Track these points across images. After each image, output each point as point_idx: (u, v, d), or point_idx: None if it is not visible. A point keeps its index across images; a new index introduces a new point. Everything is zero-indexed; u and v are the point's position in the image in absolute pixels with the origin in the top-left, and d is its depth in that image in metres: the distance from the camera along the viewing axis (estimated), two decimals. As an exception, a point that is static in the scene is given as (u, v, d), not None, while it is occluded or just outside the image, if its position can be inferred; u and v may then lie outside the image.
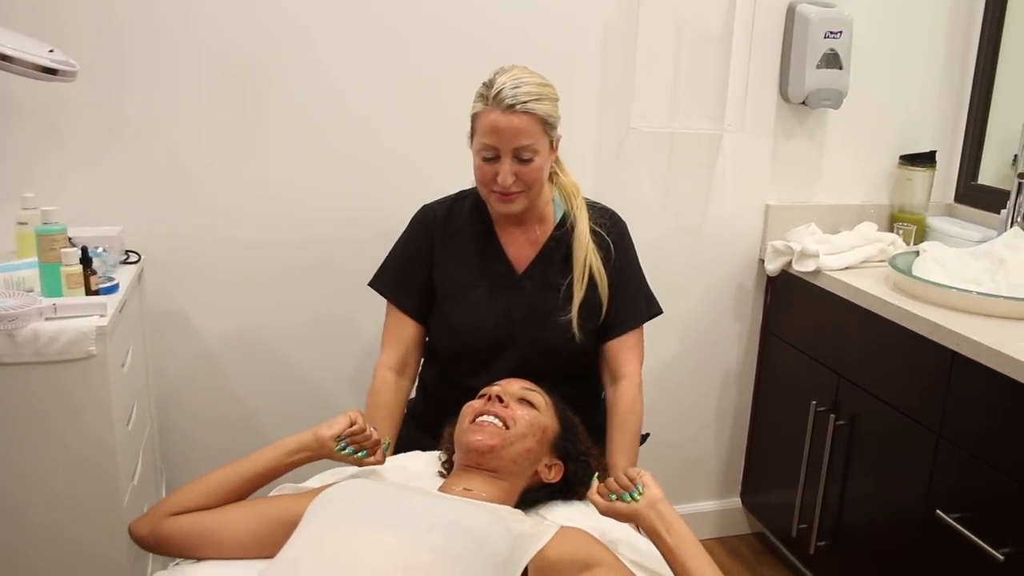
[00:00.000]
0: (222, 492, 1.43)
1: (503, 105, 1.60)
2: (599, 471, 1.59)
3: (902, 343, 2.00)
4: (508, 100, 1.59)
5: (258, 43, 2.05)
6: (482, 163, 1.66)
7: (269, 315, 2.23)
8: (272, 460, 1.47)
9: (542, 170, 1.68)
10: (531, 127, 1.62)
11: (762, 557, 2.71)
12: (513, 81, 1.61)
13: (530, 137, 1.62)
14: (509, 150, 1.63)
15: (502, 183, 1.64)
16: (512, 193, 1.67)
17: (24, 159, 1.96)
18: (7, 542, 1.60)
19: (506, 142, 1.62)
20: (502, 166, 1.64)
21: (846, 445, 2.21)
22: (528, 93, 1.60)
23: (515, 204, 1.70)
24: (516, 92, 1.60)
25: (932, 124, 2.61)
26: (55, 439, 1.57)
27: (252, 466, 1.46)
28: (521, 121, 1.60)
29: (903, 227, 2.53)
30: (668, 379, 2.58)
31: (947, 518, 1.84)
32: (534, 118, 1.61)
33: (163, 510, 1.40)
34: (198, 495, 1.42)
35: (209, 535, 1.38)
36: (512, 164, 1.64)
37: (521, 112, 1.60)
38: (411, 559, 1.17)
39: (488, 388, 1.57)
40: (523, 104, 1.60)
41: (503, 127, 1.61)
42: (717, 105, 2.40)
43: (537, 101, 1.61)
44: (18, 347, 1.50)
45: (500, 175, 1.64)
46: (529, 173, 1.65)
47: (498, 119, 1.61)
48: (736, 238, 2.55)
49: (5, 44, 1.57)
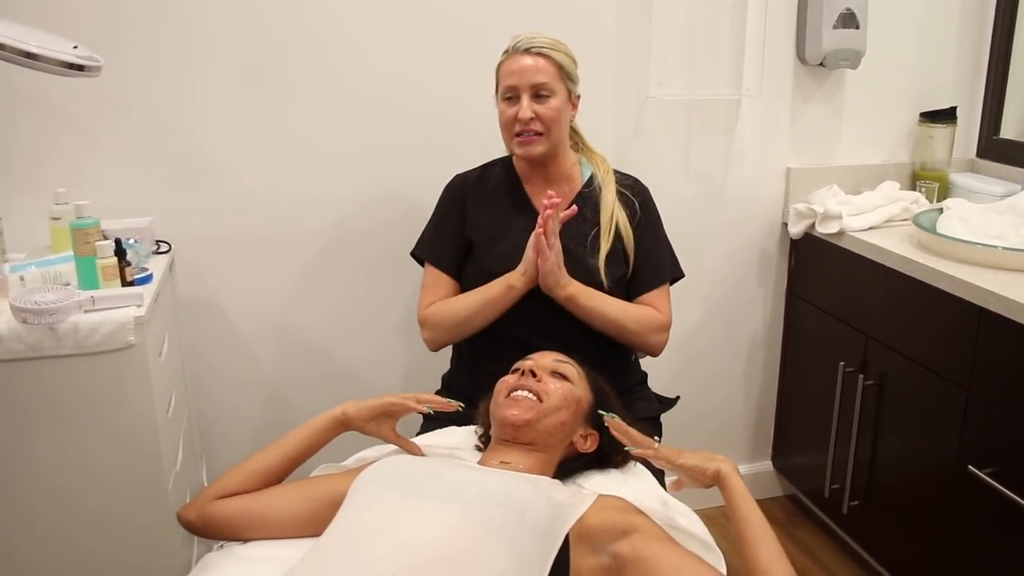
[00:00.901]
0: (264, 474, 1.49)
1: (520, 49, 1.77)
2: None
3: (928, 301, 2.00)
4: (525, 45, 1.76)
5: (278, 30, 2.06)
6: (505, 107, 1.79)
7: (298, 300, 2.26)
8: (306, 440, 1.54)
9: (560, 112, 1.78)
10: (547, 67, 1.76)
11: (795, 519, 2.73)
12: (530, 33, 1.78)
13: (546, 76, 1.76)
14: (527, 86, 1.75)
15: (522, 116, 1.76)
16: (532, 134, 1.78)
17: (51, 154, 1.99)
18: (62, 528, 1.65)
19: (524, 79, 1.75)
20: (521, 103, 1.76)
21: (875, 405, 2.22)
22: (543, 42, 1.77)
23: (536, 146, 1.79)
24: (532, 39, 1.77)
25: (952, 80, 2.59)
26: (101, 428, 1.61)
27: (288, 446, 1.53)
28: (537, 61, 1.76)
29: (925, 185, 2.52)
30: (695, 345, 2.59)
31: (979, 473, 1.86)
32: (550, 60, 1.76)
33: (209, 495, 1.44)
34: (241, 478, 1.47)
35: (255, 516, 1.42)
36: (531, 103, 1.75)
37: (536, 54, 1.76)
38: (458, 531, 1.20)
39: (521, 362, 1.59)
40: (539, 47, 1.76)
41: (521, 66, 1.76)
42: (734, 70, 2.40)
43: (552, 49, 1.77)
44: (60, 340, 1.54)
45: (521, 111, 1.75)
46: (547, 113, 1.76)
47: (517, 60, 1.76)
48: (758, 202, 2.55)
49: (30, 42, 1.60)
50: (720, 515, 2.74)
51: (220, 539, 1.46)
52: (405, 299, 2.29)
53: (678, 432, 2.22)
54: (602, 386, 1.62)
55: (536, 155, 1.80)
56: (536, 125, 1.76)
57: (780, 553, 1.24)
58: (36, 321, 1.51)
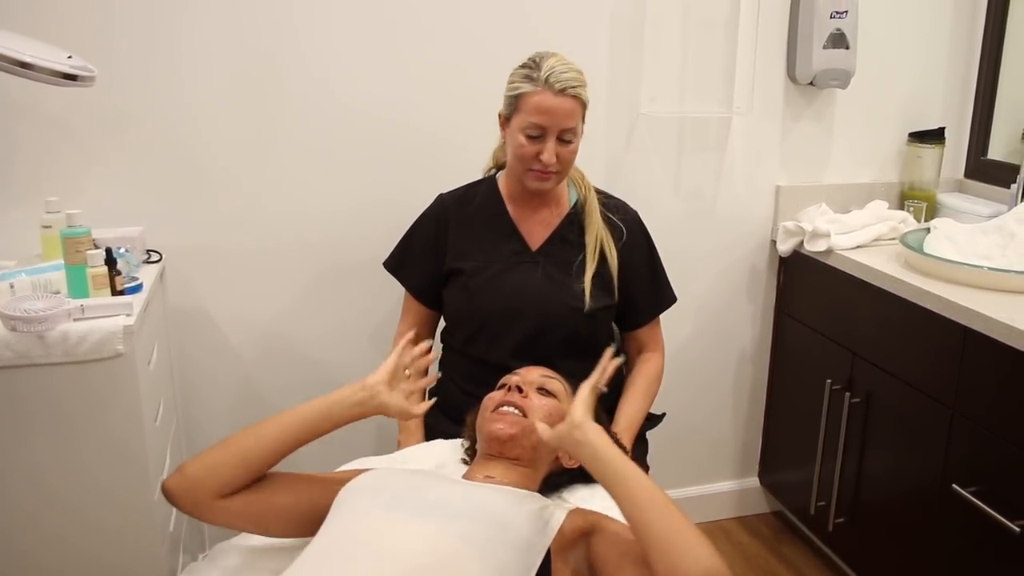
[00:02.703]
0: (267, 460, 1.39)
1: (555, 88, 1.68)
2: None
3: (915, 320, 2.02)
4: (560, 84, 1.69)
5: (272, 43, 2.07)
6: (526, 141, 1.73)
7: (288, 310, 2.26)
8: (320, 421, 1.41)
9: (576, 153, 1.77)
10: (577, 110, 1.72)
11: (781, 536, 2.74)
12: (562, 66, 1.70)
13: (575, 120, 1.72)
14: (556, 130, 1.71)
15: (547, 161, 1.72)
16: (550, 172, 1.75)
17: (43, 162, 1.99)
18: (50, 536, 1.65)
19: (556, 123, 1.70)
20: (547, 145, 1.72)
21: (862, 422, 2.24)
22: (574, 79, 1.71)
23: (550, 182, 1.79)
24: (566, 77, 1.69)
25: (940, 101, 2.61)
26: (88, 436, 1.62)
27: (299, 427, 1.41)
28: (570, 104, 1.70)
29: (913, 204, 2.54)
30: (684, 361, 2.60)
31: (963, 492, 1.87)
32: (579, 102, 1.72)
33: (208, 490, 1.33)
34: (244, 469, 1.37)
35: (259, 521, 1.38)
36: (556, 145, 1.72)
37: (571, 96, 1.70)
38: (439, 545, 1.21)
39: (507, 378, 1.60)
40: (573, 88, 1.70)
41: (555, 108, 1.69)
42: (725, 88, 2.42)
43: (582, 87, 1.73)
44: (48, 348, 1.54)
45: (546, 154, 1.72)
46: (568, 155, 1.75)
47: (550, 100, 1.69)
48: (748, 220, 2.57)
49: (24, 51, 1.61)
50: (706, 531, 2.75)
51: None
52: (392, 310, 2.30)
53: (665, 448, 2.23)
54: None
55: (547, 189, 1.81)
56: (556, 167, 1.75)
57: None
58: (25, 329, 1.52)
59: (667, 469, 2.42)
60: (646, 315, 1.93)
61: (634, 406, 1.87)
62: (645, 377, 1.92)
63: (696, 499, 2.75)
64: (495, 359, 1.79)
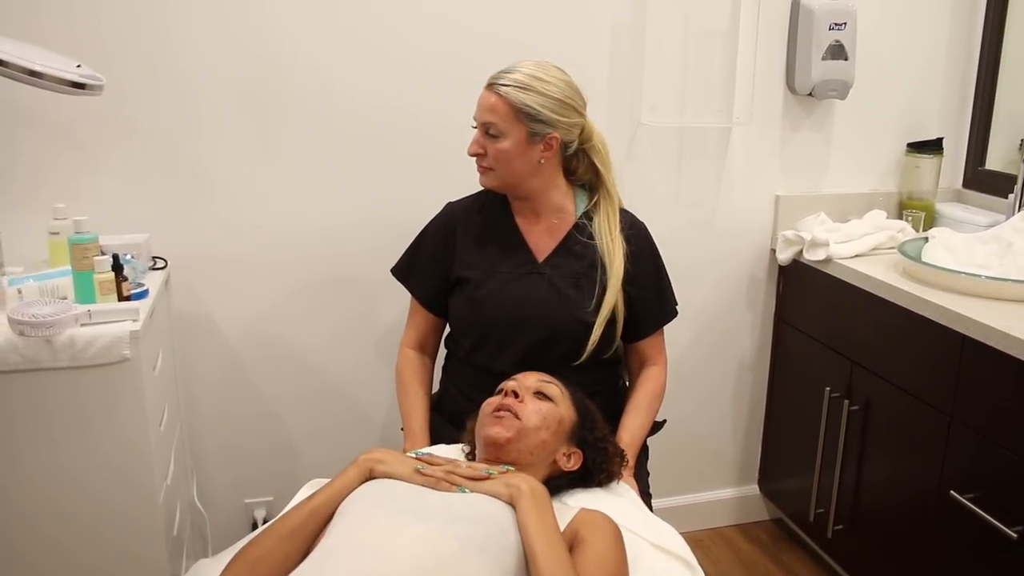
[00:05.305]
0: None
1: (489, 81, 1.74)
2: (617, 456, 1.65)
3: (913, 328, 2.03)
4: (492, 78, 1.74)
5: (277, 52, 2.09)
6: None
7: (292, 318, 2.28)
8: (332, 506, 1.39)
9: (508, 154, 1.75)
10: (499, 107, 1.71)
11: (781, 543, 2.75)
12: (512, 66, 1.74)
13: (495, 116, 1.72)
14: (480, 123, 1.75)
15: (469, 150, 1.78)
16: (482, 166, 1.79)
17: (50, 169, 2.01)
18: (51, 540, 1.67)
19: (479, 114, 1.75)
20: (475, 135, 1.77)
21: (860, 430, 2.25)
22: (514, 79, 1.71)
23: (486, 177, 1.82)
24: (503, 74, 1.73)
25: (938, 111, 2.63)
26: (93, 441, 1.63)
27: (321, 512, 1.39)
28: (491, 100, 1.72)
29: (912, 214, 2.56)
30: (684, 369, 2.61)
31: (961, 499, 1.88)
32: (504, 101, 1.71)
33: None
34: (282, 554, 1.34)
35: None
36: (482, 137, 1.76)
37: (493, 92, 1.72)
38: (441, 548, 1.22)
39: (505, 383, 1.61)
40: (501, 86, 1.71)
41: (481, 100, 1.75)
42: (725, 99, 2.44)
43: (519, 89, 1.70)
44: (55, 353, 1.56)
45: (471, 143, 1.78)
46: (494, 152, 1.75)
47: (482, 93, 1.75)
48: (747, 229, 2.58)
49: (34, 60, 1.63)
50: (706, 538, 2.77)
51: None
52: (398, 318, 2.32)
53: (665, 455, 2.24)
54: (588, 405, 1.64)
55: (488, 187, 1.83)
56: (484, 160, 1.77)
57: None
58: (33, 334, 1.53)
59: (667, 476, 2.43)
60: (650, 327, 1.92)
61: (636, 421, 1.86)
62: (648, 393, 1.91)
63: (696, 506, 2.77)
64: (499, 368, 1.78)
